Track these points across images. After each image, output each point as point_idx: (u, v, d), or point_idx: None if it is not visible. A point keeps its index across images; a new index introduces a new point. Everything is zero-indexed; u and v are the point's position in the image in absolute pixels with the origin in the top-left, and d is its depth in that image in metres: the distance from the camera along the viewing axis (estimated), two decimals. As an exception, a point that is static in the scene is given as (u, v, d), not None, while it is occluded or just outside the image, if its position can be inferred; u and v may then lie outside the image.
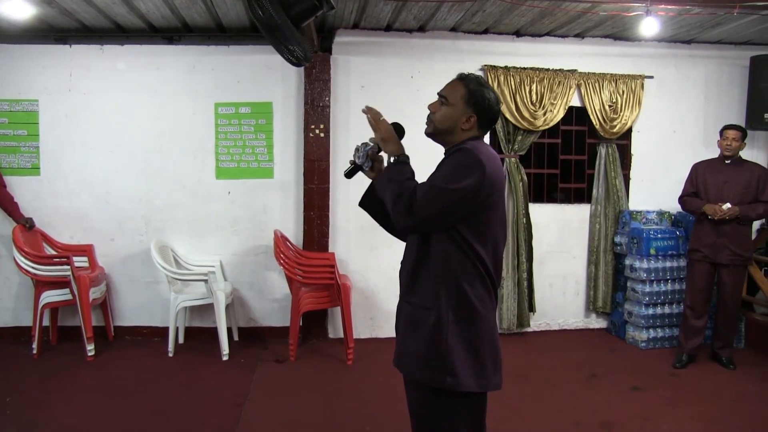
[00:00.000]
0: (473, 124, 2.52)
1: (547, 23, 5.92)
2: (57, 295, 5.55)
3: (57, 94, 5.99)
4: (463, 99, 2.51)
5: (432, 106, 2.58)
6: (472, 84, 2.52)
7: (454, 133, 2.54)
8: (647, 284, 6.00)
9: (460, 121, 2.51)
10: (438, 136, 2.58)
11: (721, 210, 5.27)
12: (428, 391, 2.48)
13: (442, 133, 2.56)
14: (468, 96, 2.51)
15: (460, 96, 2.51)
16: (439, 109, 2.55)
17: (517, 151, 6.33)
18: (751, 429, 4.32)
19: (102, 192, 6.09)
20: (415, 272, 2.53)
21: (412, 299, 2.54)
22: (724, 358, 5.57)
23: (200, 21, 5.71)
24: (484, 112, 2.52)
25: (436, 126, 2.55)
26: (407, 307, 2.57)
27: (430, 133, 2.59)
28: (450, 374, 2.41)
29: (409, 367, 2.54)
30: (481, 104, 2.51)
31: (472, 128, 2.53)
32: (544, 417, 4.49)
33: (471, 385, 2.43)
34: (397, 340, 2.65)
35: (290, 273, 5.58)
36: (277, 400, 4.77)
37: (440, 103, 2.55)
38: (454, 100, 2.52)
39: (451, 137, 2.55)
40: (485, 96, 2.51)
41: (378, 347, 5.97)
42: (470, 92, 2.51)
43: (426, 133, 2.60)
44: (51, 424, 4.24)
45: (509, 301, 6.34)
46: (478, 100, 2.50)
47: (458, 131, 2.53)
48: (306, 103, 6.02)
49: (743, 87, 6.55)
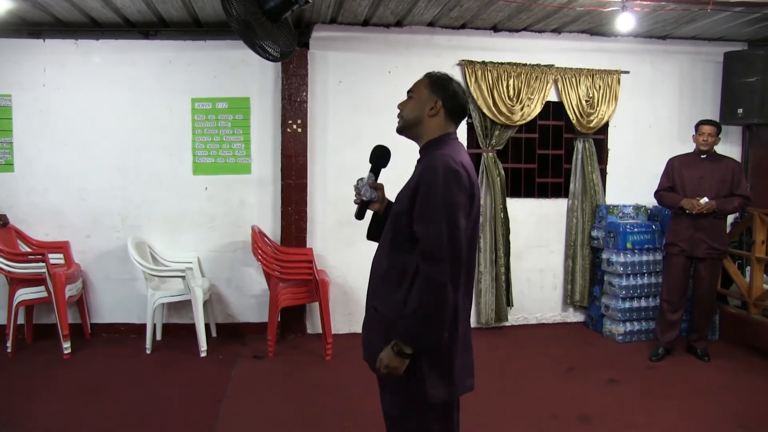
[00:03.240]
0: (439, 110, 2.51)
1: (524, 18, 5.95)
2: (32, 292, 5.49)
3: (30, 90, 5.92)
4: (427, 87, 2.53)
5: (401, 105, 2.59)
6: (434, 75, 2.56)
7: (422, 123, 2.52)
8: (624, 278, 6.06)
9: (425, 108, 2.51)
10: (408, 130, 2.57)
11: (699, 204, 5.32)
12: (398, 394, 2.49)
13: (411, 125, 2.55)
14: (431, 84, 2.53)
15: (424, 85, 2.54)
16: (407, 104, 2.56)
17: (495, 146, 6.35)
18: (726, 420, 4.37)
19: (77, 188, 6.02)
20: (382, 277, 2.51)
21: (377, 304, 2.52)
22: (699, 350, 5.63)
23: (176, 15, 5.67)
24: (448, 98, 2.51)
25: (405, 119, 2.55)
26: (373, 311, 2.56)
27: (401, 128, 2.59)
28: (418, 386, 2.39)
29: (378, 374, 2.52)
30: (445, 89, 2.51)
31: (438, 114, 2.51)
32: (521, 410, 4.52)
33: (439, 396, 2.41)
34: (363, 339, 2.67)
35: (268, 268, 5.56)
36: (255, 397, 4.76)
37: (408, 98, 2.58)
38: (417, 90, 2.55)
39: (420, 128, 2.53)
40: (449, 83, 2.53)
41: (356, 342, 5.86)
42: (432, 81, 2.54)
43: (397, 130, 2.61)
44: (26, 424, 4.19)
45: (487, 295, 6.36)
46: (442, 86, 2.52)
47: (425, 119, 2.51)
48: (283, 99, 5.99)
49: (717, 82, 6.63)
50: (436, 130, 2.52)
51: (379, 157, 2.72)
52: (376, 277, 2.58)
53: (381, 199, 2.71)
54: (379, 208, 2.71)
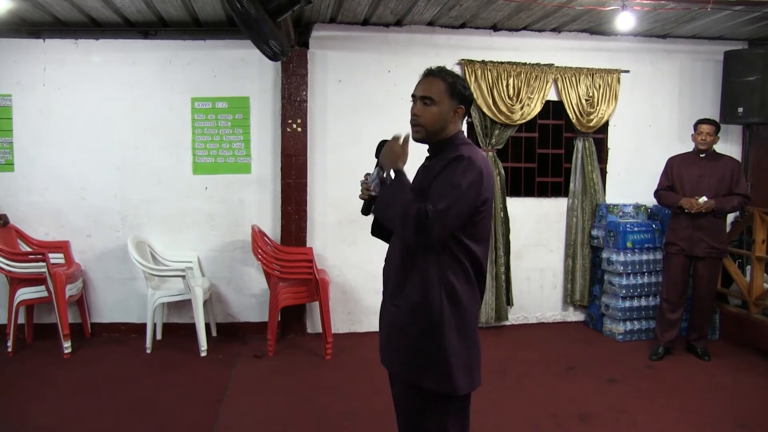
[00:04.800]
0: (461, 116, 2.53)
1: (523, 18, 5.94)
2: (32, 292, 5.49)
3: (31, 89, 5.92)
4: (446, 93, 2.48)
5: (418, 111, 2.51)
6: (448, 76, 2.51)
7: (445, 129, 2.52)
8: (624, 277, 6.06)
9: (449, 116, 2.50)
10: (431, 138, 2.55)
11: (698, 203, 5.32)
12: (419, 391, 2.48)
13: (435, 134, 2.52)
14: (450, 89, 2.48)
15: (443, 91, 2.48)
16: (426, 111, 2.49)
17: (495, 145, 6.35)
18: (726, 419, 4.37)
19: (77, 188, 6.02)
20: (403, 274, 2.51)
21: (399, 302, 2.51)
22: (699, 349, 5.63)
23: (176, 15, 5.67)
24: (467, 101, 2.53)
25: (428, 129, 2.51)
26: (394, 310, 2.54)
27: (423, 138, 2.54)
28: (447, 379, 2.41)
29: (401, 370, 2.53)
30: (463, 93, 2.51)
31: (459, 119, 2.53)
32: (522, 409, 4.52)
33: (466, 387, 2.45)
34: (383, 340, 2.64)
35: (268, 268, 5.56)
36: (255, 396, 4.76)
37: (424, 104, 2.49)
38: (438, 97, 2.48)
39: (442, 134, 2.53)
40: (463, 84, 2.52)
41: (356, 342, 5.98)
42: (449, 85, 2.49)
43: (416, 139, 2.55)
44: (27, 424, 4.20)
45: (487, 294, 6.35)
46: (461, 90, 2.50)
47: (448, 126, 2.52)
48: (283, 98, 5.99)
49: (717, 81, 6.63)
50: (452, 131, 2.54)
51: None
52: (394, 275, 2.58)
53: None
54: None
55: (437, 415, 2.49)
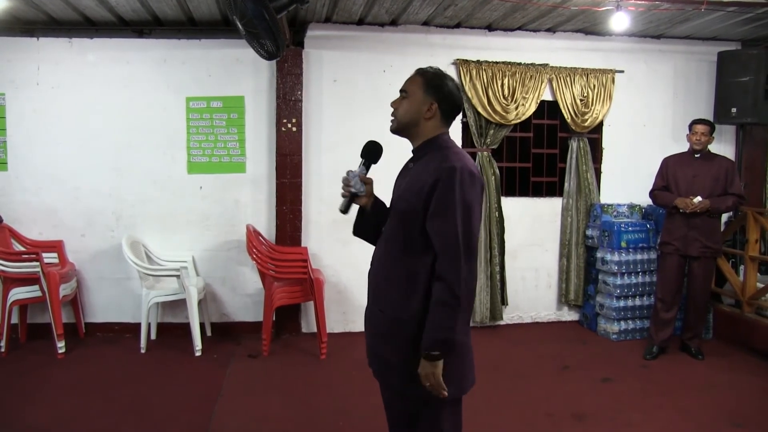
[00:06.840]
0: (435, 112, 2.48)
1: (518, 17, 5.95)
2: (26, 292, 5.48)
3: (24, 88, 5.90)
4: (421, 88, 2.48)
5: (394, 103, 2.55)
6: (429, 74, 2.51)
7: (418, 125, 2.50)
8: (618, 277, 6.07)
9: (422, 110, 2.48)
10: (403, 131, 2.55)
11: (693, 203, 5.34)
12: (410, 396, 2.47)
13: (407, 127, 2.52)
14: (426, 84, 2.48)
15: (418, 86, 2.49)
16: (401, 104, 2.52)
17: (490, 145, 6.36)
18: (720, 418, 4.39)
19: (71, 187, 6.01)
20: (387, 280, 2.49)
21: (385, 309, 2.48)
22: (693, 348, 5.65)
23: (171, 14, 5.65)
24: (444, 99, 2.49)
25: (400, 120, 2.52)
26: (379, 315, 2.52)
27: (395, 129, 2.56)
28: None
29: (388, 377, 2.52)
30: (441, 90, 2.48)
31: (434, 116, 2.49)
32: (516, 409, 4.53)
33: (456, 392, 2.42)
34: (369, 346, 2.62)
35: (263, 268, 5.56)
36: (250, 396, 4.75)
37: (401, 98, 2.53)
38: (412, 90, 2.50)
39: (416, 129, 2.52)
40: (444, 83, 2.49)
41: (351, 341, 5.97)
42: (427, 81, 2.48)
43: (391, 130, 2.57)
44: (20, 424, 4.18)
45: (482, 294, 6.37)
46: (437, 87, 2.48)
47: (422, 122, 2.49)
48: (278, 98, 5.99)
49: (711, 82, 6.65)
50: (432, 131, 2.51)
51: (371, 152, 2.67)
52: (379, 280, 2.55)
53: (369, 194, 2.66)
54: (366, 203, 2.67)
55: (429, 417, 2.47)
